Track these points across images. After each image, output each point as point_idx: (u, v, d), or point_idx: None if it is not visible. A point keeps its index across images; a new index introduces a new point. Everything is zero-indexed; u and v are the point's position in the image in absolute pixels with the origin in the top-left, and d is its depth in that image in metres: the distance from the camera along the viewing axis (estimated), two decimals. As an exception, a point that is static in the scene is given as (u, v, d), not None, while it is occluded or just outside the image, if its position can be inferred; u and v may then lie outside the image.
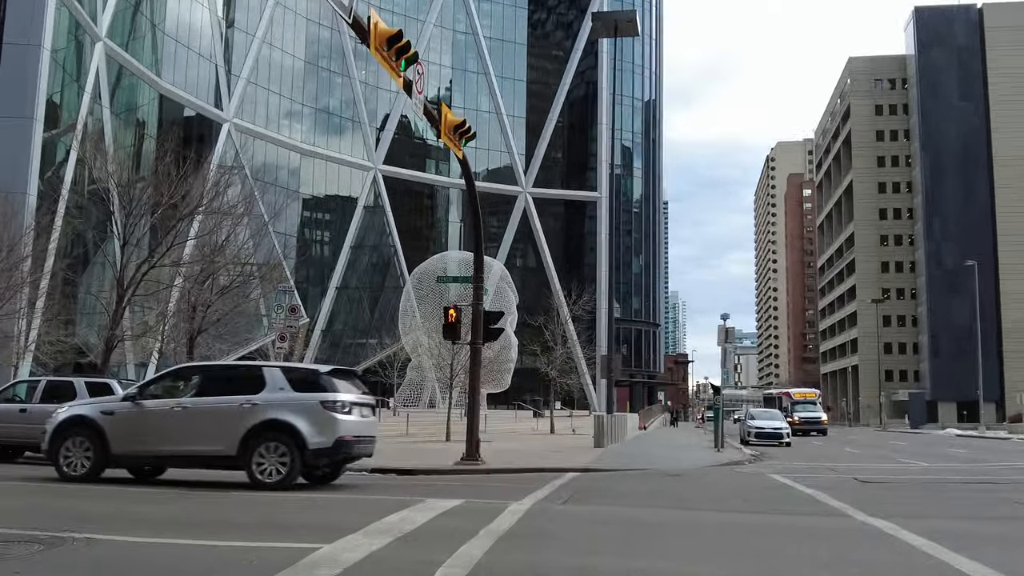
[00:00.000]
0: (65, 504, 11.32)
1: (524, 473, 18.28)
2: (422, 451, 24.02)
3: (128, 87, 56.99)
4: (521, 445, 28.63)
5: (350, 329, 79.46)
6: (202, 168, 31.37)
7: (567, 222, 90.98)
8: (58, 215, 40.20)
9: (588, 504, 12.68)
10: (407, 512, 10.53)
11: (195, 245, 28.09)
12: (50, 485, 13.47)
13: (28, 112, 42.43)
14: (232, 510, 11.20)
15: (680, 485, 16.32)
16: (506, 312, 40.30)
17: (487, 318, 20.98)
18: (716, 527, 10.35)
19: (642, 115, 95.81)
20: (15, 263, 27.86)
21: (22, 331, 29.98)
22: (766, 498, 14.23)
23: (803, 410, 51.78)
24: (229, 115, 67.01)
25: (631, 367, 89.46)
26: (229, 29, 69.22)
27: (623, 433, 34.58)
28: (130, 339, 30.36)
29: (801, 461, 24.86)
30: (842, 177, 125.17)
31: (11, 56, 42.59)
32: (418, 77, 17.19)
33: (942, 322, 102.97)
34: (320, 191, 79.16)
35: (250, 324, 43.18)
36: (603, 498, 13.73)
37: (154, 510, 10.97)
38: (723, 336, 31.71)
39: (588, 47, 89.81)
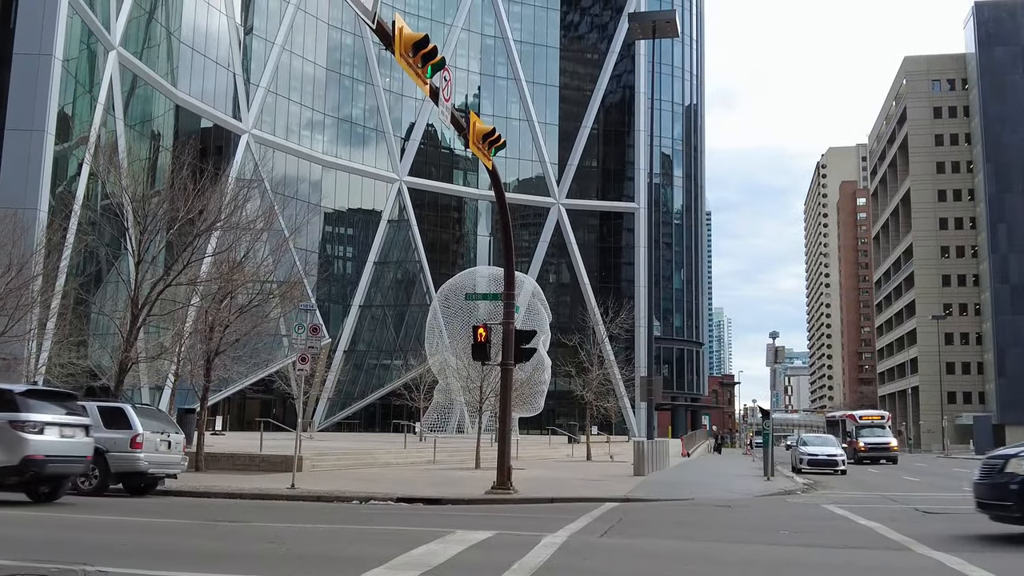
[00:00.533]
0: (78, 537, 11.41)
1: (559, 503, 18.20)
2: (450, 479, 23.98)
3: (143, 97, 57.78)
4: (555, 473, 28.49)
5: (374, 349, 79.74)
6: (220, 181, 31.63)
7: (603, 235, 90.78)
8: (70, 232, 40.78)
9: (628, 537, 12.56)
10: (435, 544, 10.50)
11: (212, 262, 28.29)
12: (61, 515, 13.62)
13: (39, 124, 43.10)
14: (259, 542, 11.24)
15: (728, 516, 16.13)
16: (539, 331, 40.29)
17: (519, 337, 20.96)
18: (769, 564, 10.21)
19: (682, 121, 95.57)
20: (25, 282, 28.21)
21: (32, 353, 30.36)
22: (821, 530, 14.02)
23: (870, 435, 48.74)
24: (248, 126, 67.77)
25: (673, 389, 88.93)
26: (247, 36, 70.11)
27: (665, 460, 34.31)
28: (145, 361, 30.63)
29: (858, 491, 24.51)
30: (899, 185, 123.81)
31: (21, 66, 43.36)
32: (445, 84, 17.28)
33: (1009, 339, 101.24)
34: (342, 204, 79.68)
35: (270, 345, 43.48)
36: (644, 530, 13.60)
37: (182, 544, 11.03)
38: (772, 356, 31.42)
39: (624, 50, 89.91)
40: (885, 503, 19.65)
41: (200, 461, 24.37)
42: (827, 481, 29.51)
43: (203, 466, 24.40)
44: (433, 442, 38.33)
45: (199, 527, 12.66)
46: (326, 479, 22.65)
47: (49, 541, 10.73)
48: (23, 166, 42.30)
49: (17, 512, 13.98)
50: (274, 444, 31.24)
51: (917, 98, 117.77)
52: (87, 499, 16.94)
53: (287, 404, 64.90)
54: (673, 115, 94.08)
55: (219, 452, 26.36)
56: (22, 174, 42.03)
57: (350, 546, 10.97)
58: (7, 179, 41.49)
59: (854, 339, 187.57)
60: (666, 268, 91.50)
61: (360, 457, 30.89)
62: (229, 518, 13.78)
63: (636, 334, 73.71)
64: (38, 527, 12.18)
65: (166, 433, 18.93)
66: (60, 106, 45.34)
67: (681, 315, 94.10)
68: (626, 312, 48.70)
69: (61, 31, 44.37)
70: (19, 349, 28.79)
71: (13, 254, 28.14)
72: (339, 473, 25.85)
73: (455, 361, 45.26)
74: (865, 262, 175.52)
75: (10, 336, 27.45)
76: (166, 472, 18.80)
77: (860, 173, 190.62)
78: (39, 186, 42.47)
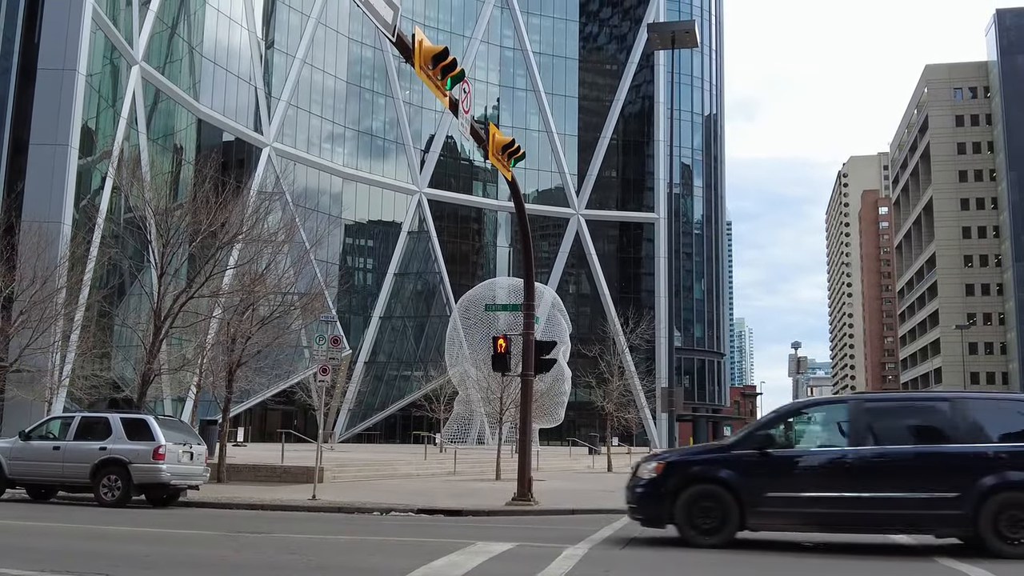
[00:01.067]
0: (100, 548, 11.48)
1: (580, 514, 18.14)
2: (470, 490, 23.95)
3: (165, 111, 58.29)
4: (576, 484, 28.40)
5: (394, 361, 79.86)
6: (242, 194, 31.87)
7: (623, 245, 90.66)
8: (93, 245, 41.14)
9: (651, 548, 12.48)
10: (455, 556, 10.49)
11: (234, 274, 28.47)
12: (84, 527, 13.71)
13: (62, 139, 43.51)
14: (280, 553, 11.26)
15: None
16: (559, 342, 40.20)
17: (539, 348, 20.94)
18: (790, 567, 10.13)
19: (702, 131, 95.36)
20: (49, 295, 28.47)
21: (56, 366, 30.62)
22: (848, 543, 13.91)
23: None
24: (269, 139, 68.25)
25: (694, 400, 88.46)
26: (269, 50, 70.64)
27: (686, 471, 34.08)
28: (167, 373, 30.79)
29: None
30: (921, 193, 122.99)
31: (46, 82, 43.82)
32: (464, 96, 17.34)
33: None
34: (363, 216, 80.00)
35: (291, 356, 43.66)
36: (667, 541, 13.53)
37: (204, 554, 11.07)
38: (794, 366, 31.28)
39: (643, 60, 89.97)
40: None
41: (222, 472, 24.47)
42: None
43: (225, 477, 24.49)
44: (453, 453, 38.32)
45: (221, 538, 12.70)
46: (347, 490, 22.69)
47: (72, 551, 10.80)
48: (47, 180, 42.68)
49: (40, 523, 14.09)
50: (295, 455, 31.31)
51: (939, 106, 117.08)
52: (111, 510, 17.05)
53: (308, 415, 65.03)
54: (692, 125, 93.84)
55: (241, 463, 26.46)
56: (46, 188, 42.41)
57: (371, 557, 10.98)
58: (32, 193, 41.85)
59: (877, 349, 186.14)
60: (686, 278, 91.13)
61: (380, 468, 30.91)
62: (250, 529, 13.83)
63: (656, 345, 73.45)
64: (61, 537, 12.27)
65: (188, 444, 19.04)
66: (84, 120, 45.77)
67: (702, 325, 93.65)
68: (646, 323, 48.54)
69: (85, 46, 44.79)
70: (43, 361, 29.04)
71: (37, 267, 28.43)
72: (360, 484, 25.88)
73: (475, 372, 45.24)
74: (888, 271, 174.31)
75: (34, 348, 27.72)
76: (188, 483, 18.89)
77: (882, 182, 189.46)
78: (63, 200, 42.84)
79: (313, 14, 73.73)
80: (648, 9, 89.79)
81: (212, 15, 63.36)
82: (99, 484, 18.06)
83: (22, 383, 29.82)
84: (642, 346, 58.30)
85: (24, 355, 27.81)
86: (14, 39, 43.87)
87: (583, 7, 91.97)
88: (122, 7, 51.48)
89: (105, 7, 48.06)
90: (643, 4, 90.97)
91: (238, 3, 66.20)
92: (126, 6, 52.07)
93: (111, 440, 18.28)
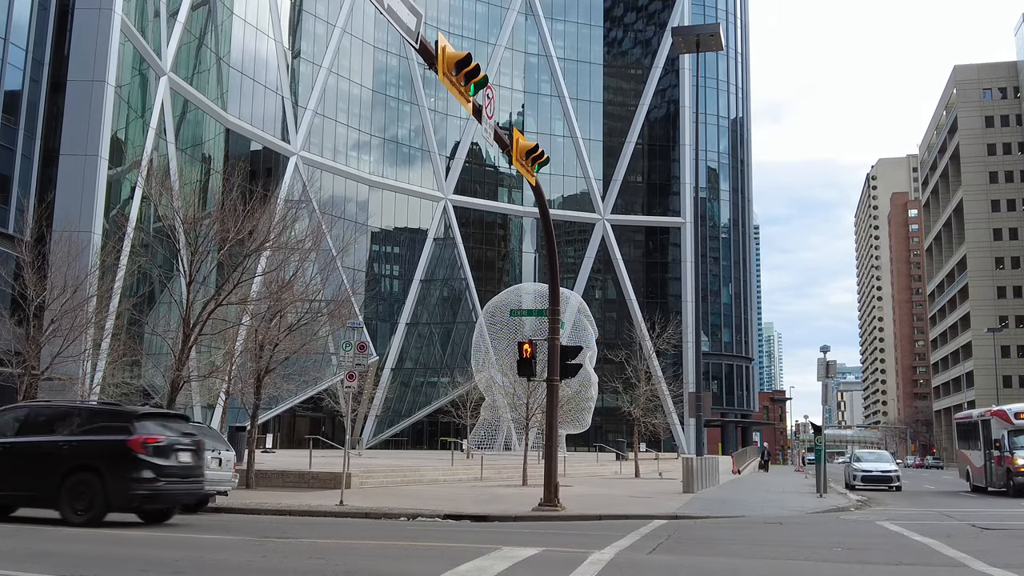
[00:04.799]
0: (129, 552, 11.56)
1: (607, 520, 18.06)
2: (497, 496, 23.92)
3: (193, 121, 58.87)
4: (603, 490, 28.29)
5: (421, 367, 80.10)
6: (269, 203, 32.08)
7: (649, 250, 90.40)
8: (123, 254, 41.45)
9: (677, 554, 12.41)
10: (481, 561, 10.47)
11: (262, 282, 28.64)
12: (113, 532, 13.80)
13: (92, 149, 44.01)
14: (308, 558, 11.30)
15: (781, 533, 15.88)
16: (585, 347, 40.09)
17: (564, 353, 20.90)
18: None
19: (728, 134, 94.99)
20: (79, 303, 28.72)
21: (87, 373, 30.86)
22: (875, 547, 13.74)
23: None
24: (296, 148, 68.72)
25: (722, 406, 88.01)
26: (295, 59, 71.18)
27: (715, 477, 33.92)
28: (197, 380, 31.02)
29: (913, 507, 24.01)
30: (951, 195, 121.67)
31: (75, 93, 44.36)
32: (488, 102, 17.37)
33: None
34: (389, 223, 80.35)
35: (318, 363, 43.80)
36: (695, 548, 13.43)
37: (231, 560, 11.11)
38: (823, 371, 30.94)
39: (668, 64, 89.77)
40: (942, 519, 19.22)
41: (250, 478, 24.58)
42: (881, 498, 28.95)
43: (253, 483, 24.60)
44: (480, 459, 38.32)
45: (249, 543, 12.75)
46: (374, 496, 22.73)
47: (102, 557, 10.89)
48: (78, 190, 43.17)
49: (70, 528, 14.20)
50: (323, 461, 31.44)
51: (968, 107, 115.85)
52: (140, 516, 17.14)
53: (336, 421, 65.36)
54: (719, 129, 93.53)
55: (269, 469, 26.59)
56: (77, 198, 42.88)
57: (397, 562, 10.97)
58: (62, 203, 42.33)
59: (908, 353, 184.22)
60: (714, 283, 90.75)
61: (407, 474, 30.97)
62: (278, 534, 13.88)
63: (684, 350, 73.13)
64: (92, 543, 12.36)
65: (217, 451, 19.12)
66: (113, 131, 46.28)
67: (730, 330, 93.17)
68: (673, 327, 48.25)
69: (114, 58, 45.31)
70: (74, 369, 29.27)
71: (68, 276, 28.70)
72: (387, 490, 25.93)
73: (501, 378, 45.25)
74: (918, 274, 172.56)
75: (65, 356, 27.93)
76: (217, 489, 18.94)
77: (911, 184, 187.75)
78: (93, 209, 43.30)
79: (338, 23, 74.21)
80: (673, 13, 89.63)
81: (239, 25, 63.90)
82: (129, 490, 18.12)
83: (53, 391, 30.11)
84: (669, 351, 58.08)
85: (55, 363, 28.07)
86: (44, 51, 44.38)
87: (607, 12, 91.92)
88: (150, 18, 52.04)
89: (134, 19, 48.61)
90: (668, 8, 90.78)
91: (264, 14, 66.73)
92: (154, 17, 52.64)
93: (141, 447, 18.34)
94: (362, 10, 75.33)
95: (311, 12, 72.81)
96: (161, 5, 53.49)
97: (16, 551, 11.27)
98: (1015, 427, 29.77)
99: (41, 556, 10.85)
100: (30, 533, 13.54)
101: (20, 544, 12.09)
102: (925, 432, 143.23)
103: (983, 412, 33.02)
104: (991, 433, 30.80)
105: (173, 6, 55.13)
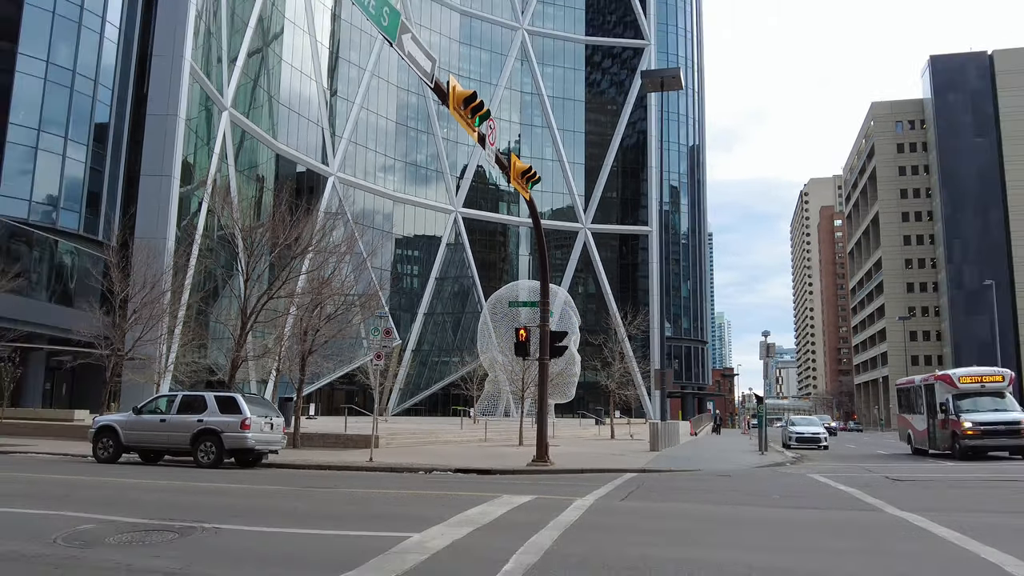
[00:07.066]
0: (198, 500, 11.56)
1: (587, 473, 18.06)
2: (498, 454, 23.92)
3: (249, 148, 58.77)
4: (585, 449, 28.30)
5: (436, 348, 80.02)
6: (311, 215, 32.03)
7: (622, 253, 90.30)
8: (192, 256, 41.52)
9: (645, 501, 12.42)
10: (485, 506, 10.47)
11: (306, 279, 28.64)
12: (184, 484, 13.79)
13: (167, 171, 43.97)
14: (344, 504, 11.30)
15: (728, 484, 15.88)
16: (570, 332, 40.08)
17: (553, 337, 20.89)
18: (762, 522, 10.03)
19: (687, 159, 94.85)
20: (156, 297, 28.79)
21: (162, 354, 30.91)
22: (806, 495, 13.74)
23: (979, 408, 24.79)
24: (333, 169, 68.60)
25: (682, 380, 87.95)
26: (332, 97, 71.02)
27: (675, 438, 33.92)
28: (252, 359, 31.02)
29: (837, 463, 24.00)
30: (869, 208, 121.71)
31: (153, 125, 44.32)
32: (490, 131, 17.33)
33: (964, 336, 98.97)
34: (409, 232, 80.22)
35: (352, 345, 43.82)
36: (658, 495, 13.44)
37: (282, 505, 11.11)
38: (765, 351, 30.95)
39: (638, 101, 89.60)
40: (861, 473, 19.20)
41: (296, 440, 24.60)
42: (812, 455, 28.97)
43: (299, 444, 24.62)
44: (484, 424, 38.32)
45: (295, 492, 12.76)
46: (397, 454, 22.73)
47: (175, 504, 10.89)
48: (154, 204, 43.13)
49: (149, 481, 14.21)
50: (356, 426, 31.43)
51: (883, 136, 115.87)
52: (206, 471, 17.17)
53: (366, 393, 65.28)
54: (679, 154, 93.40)
55: (312, 432, 26.59)
56: (154, 211, 42.86)
57: (416, 507, 10.98)
58: (143, 215, 42.35)
59: (833, 337, 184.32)
60: (675, 280, 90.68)
61: (425, 436, 30.97)
62: (319, 485, 13.87)
63: (651, 334, 73.03)
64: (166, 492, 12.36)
65: (269, 417, 19.13)
66: (184, 156, 46.21)
67: (688, 318, 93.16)
68: (642, 316, 48.22)
69: (184, 96, 45.24)
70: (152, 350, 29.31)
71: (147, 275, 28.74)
72: (408, 449, 25.93)
73: (502, 357, 45.28)
74: (842, 273, 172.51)
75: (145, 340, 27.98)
76: (269, 448, 18.98)
77: (836, 199, 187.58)
78: (167, 220, 43.25)
79: (368, 67, 74.06)
80: (641, 60, 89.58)
81: (287, 70, 63.82)
82: (197, 449, 18.20)
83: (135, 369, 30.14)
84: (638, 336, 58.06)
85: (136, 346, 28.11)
86: (127, 90, 44.34)
87: (588, 59, 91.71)
88: (214, 63, 51.93)
89: (200, 63, 48.50)
90: (637, 56, 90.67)
91: (308, 60, 66.59)
92: (217, 63, 52.52)
93: (207, 414, 18.41)
94: (388, 57, 75.14)
95: (346, 58, 72.61)
96: (223, 52, 53.33)
97: (117, 500, 11.27)
98: (960, 391, 25.48)
99: (126, 504, 10.86)
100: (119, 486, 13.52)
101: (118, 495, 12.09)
102: (848, 402, 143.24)
103: (927, 377, 28.18)
104: (935, 397, 26.26)
105: (233, 53, 54.95)
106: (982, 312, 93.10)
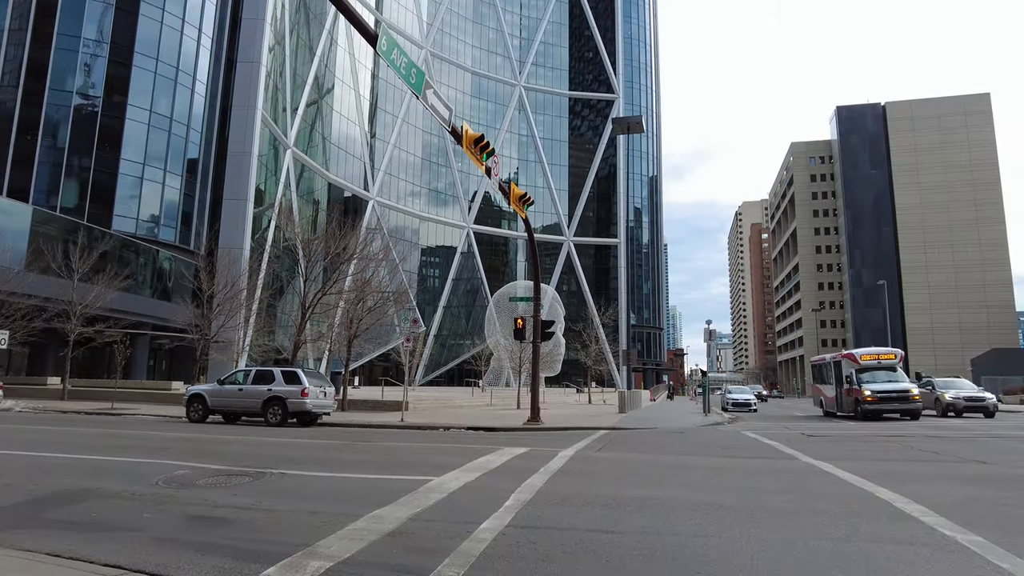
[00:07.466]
0: (268, 451, 11.58)
1: (570, 430, 18.06)
2: (500, 415, 23.92)
3: (307, 178, 58.79)
4: (568, 411, 28.31)
5: (453, 334, 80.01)
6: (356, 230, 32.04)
7: (598, 259, 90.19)
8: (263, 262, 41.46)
9: (615, 451, 12.44)
10: (490, 456, 10.49)
11: (351, 280, 28.66)
12: (257, 438, 13.78)
13: (243, 196, 44.00)
14: (381, 454, 11.31)
15: (679, 439, 15.90)
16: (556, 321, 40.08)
17: (544, 325, 20.90)
18: (706, 468, 10.05)
19: (648, 186, 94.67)
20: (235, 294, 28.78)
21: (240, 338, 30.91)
22: (740, 447, 13.75)
23: (877, 380, 24.39)
24: (373, 195, 68.54)
25: (644, 358, 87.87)
26: (372, 139, 71.00)
27: (639, 404, 33.94)
28: (310, 342, 31.03)
29: (764, 422, 23.98)
30: (789, 225, 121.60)
31: (233, 161, 44.36)
32: (495, 165, 17.32)
33: (862, 324, 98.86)
34: (432, 243, 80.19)
35: (387, 332, 43.81)
36: (625, 447, 13.47)
37: (332, 455, 11.13)
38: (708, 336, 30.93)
39: (610, 142, 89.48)
40: (782, 430, 19.17)
41: (344, 404, 24.59)
42: (745, 417, 28.95)
43: (346, 407, 24.60)
44: (490, 393, 38.31)
45: (343, 445, 12.77)
46: (422, 415, 22.72)
47: (250, 454, 10.91)
48: (234, 222, 43.16)
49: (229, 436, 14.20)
50: (390, 394, 31.41)
51: (800, 168, 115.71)
52: (274, 428, 17.16)
53: (399, 368, 65.27)
54: (641, 183, 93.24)
55: (356, 399, 26.59)
56: (233, 227, 42.88)
57: (437, 456, 10.99)
58: (224, 230, 42.33)
59: (761, 324, 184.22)
60: (638, 280, 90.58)
61: (444, 402, 30.96)
62: (361, 440, 13.88)
63: (619, 323, 73.13)
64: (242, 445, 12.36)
65: (323, 387, 19.13)
66: (256, 184, 46.27)
67: (648, 310, 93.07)
68: (612, 309, 48.30)
69: (256, 138, 45.28)
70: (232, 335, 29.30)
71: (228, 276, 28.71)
72: (431, 411, 25.92)
73: (504, 341, 45.24)
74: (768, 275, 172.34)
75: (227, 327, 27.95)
76: (323, 411, 18.97)
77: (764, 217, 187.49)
78: (244, 234, 43.29)
79: (400, 115, 74.02)
80: (612, 109, 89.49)
81: (337, 117, 63.79)
82: (267, 412, 18.20)
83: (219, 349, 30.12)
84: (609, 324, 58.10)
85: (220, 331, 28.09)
86: (212, 134, 44.34)
87: (571, 108, 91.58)
88: (280, 112, 51.92)
89: (269, 112, 48.50)
90: (609, 105, 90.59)
91: (353, 109, 66.56)
92: (282, 111, 52.52)
93: (275, 384, 18.40)
94: (415, 107, 75.08)
95: (383, 108, 72.56)
96: (287, 103, 53.27)
97: (205, 451, 11.28)
98: (862, 366, 25.10)
99: (212, 454, 10.87)
100: (208, 441, 13.52)
101: (206, 447, 12.10)
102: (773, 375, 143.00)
103: (835, 355, 27.33)
104: (842, 371, 25.80)
105: (295, 104, 54.90)
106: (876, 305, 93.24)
